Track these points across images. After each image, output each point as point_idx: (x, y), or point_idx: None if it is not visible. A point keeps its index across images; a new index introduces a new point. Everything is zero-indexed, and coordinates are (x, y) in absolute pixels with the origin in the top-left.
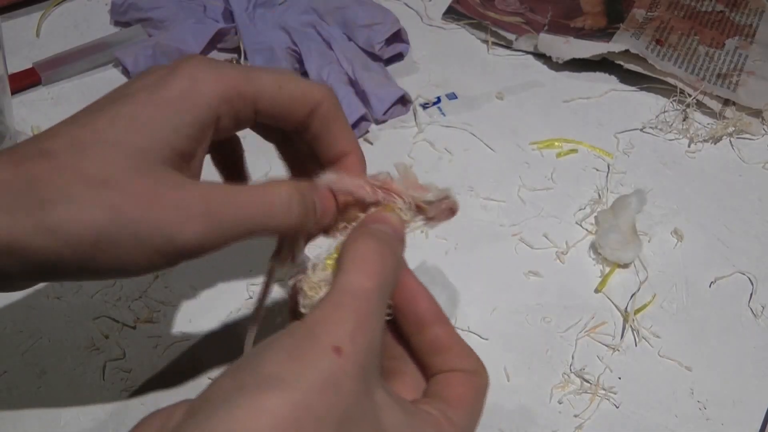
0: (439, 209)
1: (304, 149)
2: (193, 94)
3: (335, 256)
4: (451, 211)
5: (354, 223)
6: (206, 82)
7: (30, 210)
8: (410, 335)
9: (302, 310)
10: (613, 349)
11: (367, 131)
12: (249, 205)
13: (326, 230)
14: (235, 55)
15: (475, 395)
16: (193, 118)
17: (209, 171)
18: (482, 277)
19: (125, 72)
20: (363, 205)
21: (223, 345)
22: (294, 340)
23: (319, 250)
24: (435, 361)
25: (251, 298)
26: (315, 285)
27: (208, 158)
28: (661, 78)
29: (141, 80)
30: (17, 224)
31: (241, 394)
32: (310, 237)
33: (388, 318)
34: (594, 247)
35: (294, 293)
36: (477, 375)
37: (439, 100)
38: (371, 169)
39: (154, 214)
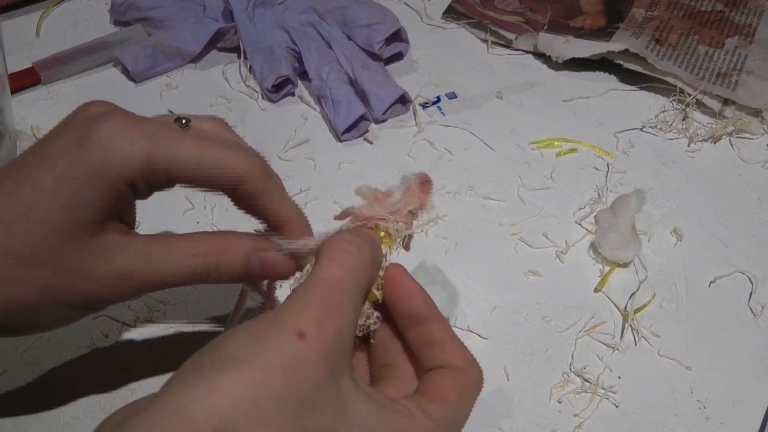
0: (414, 195)
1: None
2: (106, 169)
3: None
4: (425, 183)
5: None
6: (118, 157)
7: None
8: (405, 332)
9: None
10: (613, 348)
11: (367, 131)
12: (175, 269)
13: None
14: (234, 55)
15: (460, 392)
16: (110, 194)
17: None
18: (482, 277)
19: (125, 71)
20: None
21: None
22: (258, 325)
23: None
24: (427, 356)
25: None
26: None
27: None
28: (661, 77)
29: (62, 138)
30: None
31: (199, 374)
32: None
33: (375, 325)
34: (594, 247)
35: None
36: (465, 372)
37: (438, 99)
38: (371, 170)
39: (83, 286)
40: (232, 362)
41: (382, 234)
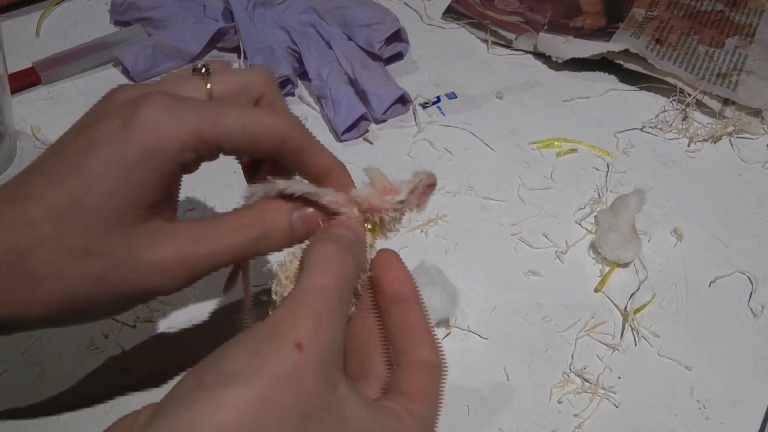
0: (418, 195)
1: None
2: (157, 151)
3: None
4: (430, 187)
5: None
6: (169, 134)
7: (22, 284)
8: (385, 312)
9: (273, 296)
10: (613, 348)
11: (367, 131)
12: (226, 244)
13: None
14: (234, 55)
15: (434, 386)
16: (161, 175)
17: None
18: (482, 277)
19: (125, 71)
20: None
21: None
22: (255, 339)
23: None
24: (401, 338)
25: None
26: (290, 275)
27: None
28: (661, 77)
29: (104, 123)
30: (12, 297)
31: (203, 391)
32: None
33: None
34: (594, 247)
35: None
36: (434, 364)
37: (438, 99)
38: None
39: (137, 276)
40: (235, 378)
41: (370, 227)
